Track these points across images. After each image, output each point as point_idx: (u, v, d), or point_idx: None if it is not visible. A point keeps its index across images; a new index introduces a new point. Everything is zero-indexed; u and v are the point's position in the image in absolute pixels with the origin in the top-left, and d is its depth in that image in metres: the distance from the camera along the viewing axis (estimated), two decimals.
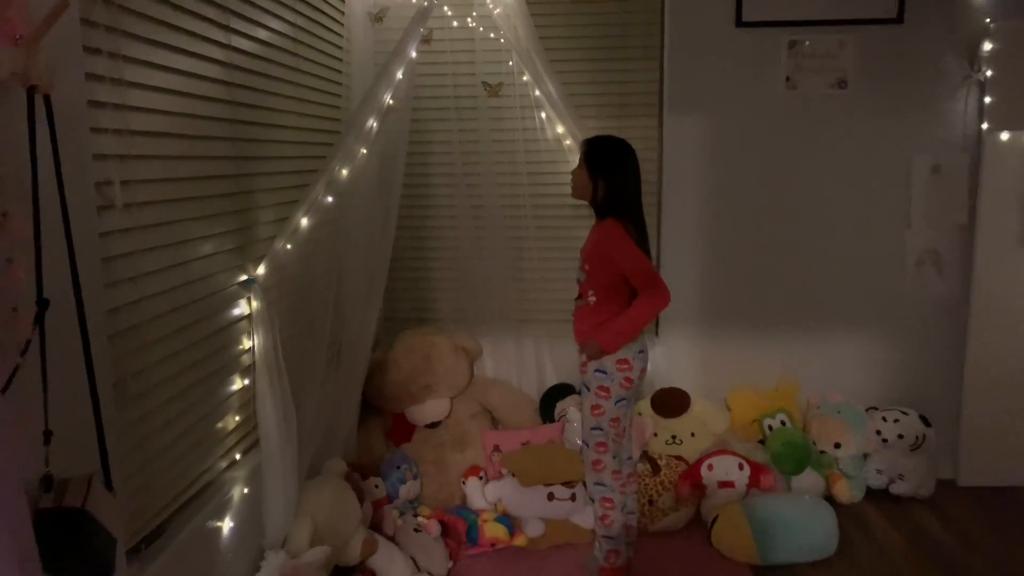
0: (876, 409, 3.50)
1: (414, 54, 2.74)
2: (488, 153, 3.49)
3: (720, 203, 3.51)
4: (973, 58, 3.33)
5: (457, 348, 3.50)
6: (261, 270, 2.30)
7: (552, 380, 3.68)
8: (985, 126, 3.32)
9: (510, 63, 3.35)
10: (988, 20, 3.27)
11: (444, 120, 3.54)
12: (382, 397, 3.41)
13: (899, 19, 3.34)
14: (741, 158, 3.49)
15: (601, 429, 2.64)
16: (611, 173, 2.56)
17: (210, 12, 2.05)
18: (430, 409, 3.42)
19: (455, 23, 3.35)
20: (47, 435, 1.23)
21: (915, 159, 3.43)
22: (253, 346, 2.29)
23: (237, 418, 2.27)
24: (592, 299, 2.62)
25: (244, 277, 2.27)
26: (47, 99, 1.23)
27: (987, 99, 3.31)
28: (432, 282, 3.73)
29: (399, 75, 2.65)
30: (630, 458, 2.83)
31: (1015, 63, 3.25)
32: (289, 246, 2.35)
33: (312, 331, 2.58)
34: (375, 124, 2.58)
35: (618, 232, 2.50)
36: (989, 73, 3.28)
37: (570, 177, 2.67)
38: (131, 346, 1.70)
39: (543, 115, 3.41)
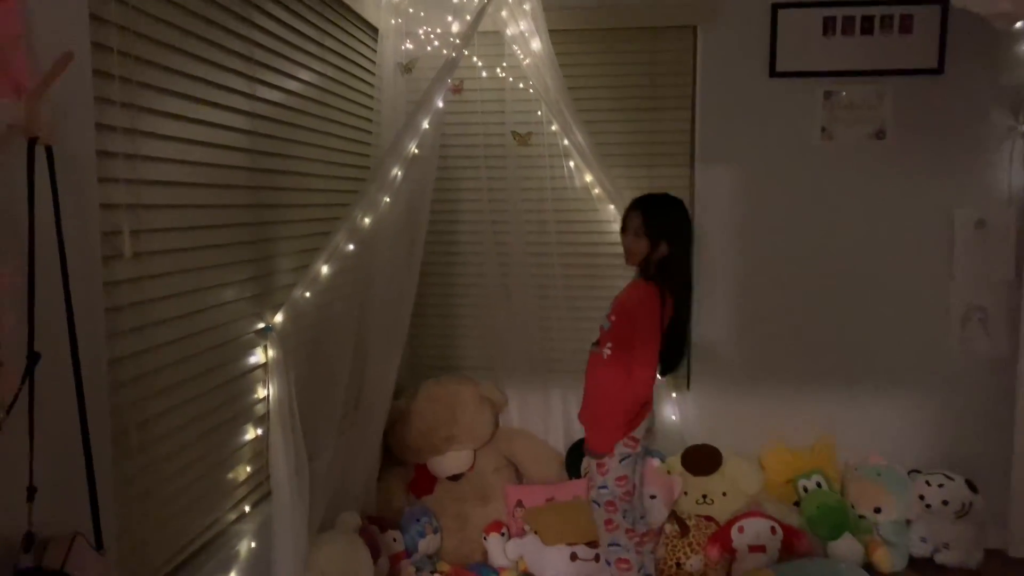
0: (919, 472, 3.33)
1: (441, 104, 2.74)
2: (516, 201, 3.48)
3: (754, 255, 3.42)
4: (1018, 109, 3.23)
5: (482, 398, 3.44)
6: (279, 318, 2.28)
7: (579, 433, 3.57)
8: None
9: (539, 112, 3.35)
10: None
11: (473, 168, 3.54)
12: (404, 447, 3.35)
13: (940, 69, 3.26)
14: (775, 209, 3.41)
15: (607, 488, 2.55)
16: (673, 238, 2.51)
17: (234, 63, 2.08)
18: (452, 461, 3.35)
19: (484, 73, 3.37)
20: (31, 492, 1.20)
21: (958, 212, 3.31)
22: (268, 395, 2.26)
23: (248, 468, 2.23)
24: (608, 351, 2.57)
25: (261, 325, 2.25)
26: (49, 150, 1.23)
27: None
28: (458, 329, 3.70)
29: (425, 124, 2.65)
30: (643, 517, 2.73)
31: None
32: (308, 294, 2.33)
33: (330, 380, 2.55)
34: (399, 173, 2.57)
35: (654, 303, 2.46)
36: None
37: (624, 243, 2.60)
38: (135, 397, 1.68)
39: (572, 164, 3.39)
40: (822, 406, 3.47)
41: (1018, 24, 3.09)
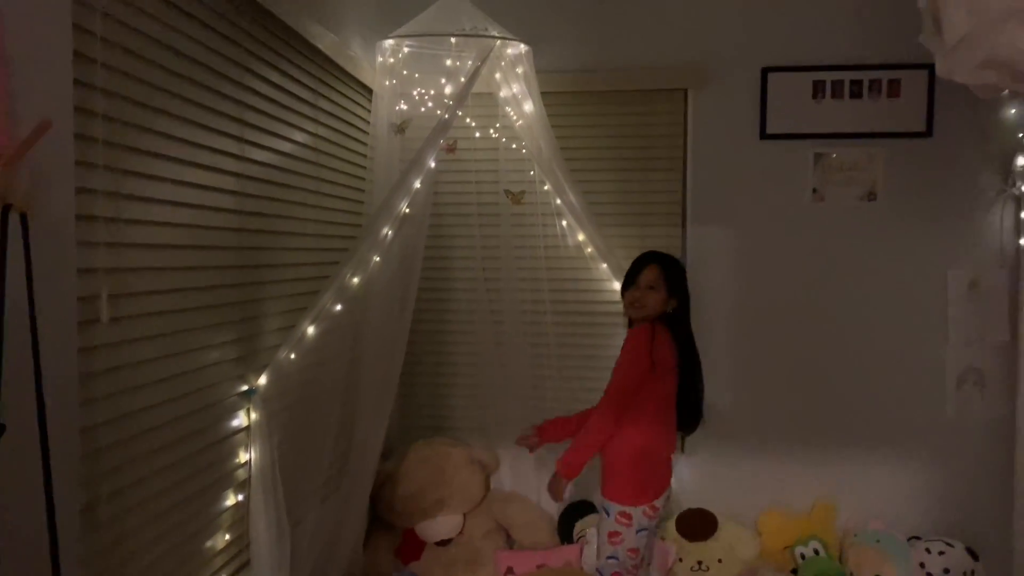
0: (919, 539, 3.25)
1: (432, 164, 2.75)
2: (509, 259, 3.46)
3: (747, 316, 3.40)
4: (1007, 172, 3.24)
5: (473, 460, 3.37)
6: (262, 380, 2.24)
7: (573, 497, 3.51)
8: (1023, 241, 3.20)
9: (532, 172, 3.36)
10: (1021, 135, 3.19)
11: (467, 227, 3.54)
12: (391, 511, 3.27)
13: (928, 132, 3.28)
14: (768, 270, 3.40)
15: (617, 559, 2.47)
16: (683, 295, 2.56)
17: (224, 124, 2.08)
18: (442, 525, 3.27)
19: (478, 133, 3.39)
20: None
21: (951, 274, 3.30)
22: (249, 459, 2.21)
23: (227, 536, 2.16)
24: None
25: (244, 388, 2.21)
26: (23, 217, 1.21)
27: (1023, 214, 3.20)
28: (450, 389, 3.64)
29: (417, 184, 2.65)
30: None
31: None
32: (293, 355, 2.29)
33: (315, 443, 2.50)
34: (390, 232, 2.56)
35: (642, 338, 2.45)
36: None
37: (636, 297, 2.54)
38: (108, 466, 1.63)
39: (564, 223, 3.39)
40: (819, 470, 3.40)
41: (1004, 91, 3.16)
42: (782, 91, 3.33)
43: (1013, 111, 3.20)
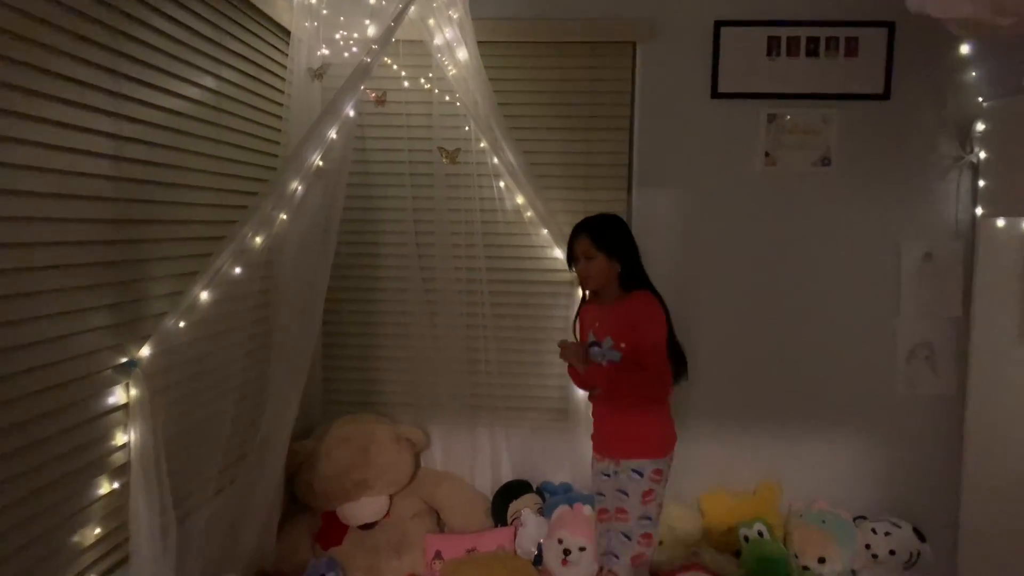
0: (864, 519, 3.14)
1: (352, 113, 2.47)
2: (443, 223, 3.22)
3: (691, 287, 3.20)
4: (965, 139, 3.10)
5: (400, 438, 3.14)
6: (145, 351, 1.96)
7: (507, 476, 3.31)
8: (979, 211, 3.06)
9: (467, 128, 3.10)
10: (980, 99, 3.05)
11: (398, 187, 3.29)
12: (311, 493, 3.03)
13: (886, 95, 3.12)
14: (715, 238, 3.21)
15: (650, 519, 2.37)
16: (627, 248, 2.42)
17: (103, 58, 1.79)
18: (365, 507, 3.04)
19: (407, 83, 3.12)
20: None
21: (904, 244, 3.16)
22: (128, 442, 1.93)
23: (99, 530, 1.89)
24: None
25: (123, 360, 1.93)
26: None
27: (981, 183, 3.05)
28: (379, 361, 3.39)
29: (332, 134, 2.38)
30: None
31: (1010, 145, 2.97)
32: (183, 324, 2.02)
33: (210, 423, 2.23)
34: (300, 188, 2.28)
35: (657, 304, 2.37)
36: (982, 155, 3.03)
37: (579, 270, 2.43)
38: None
39: (502, 184, 3.16)
40: (764, 448, 3.26)
41: (963, 49, 3.00)
42: (735, 47, 3.13)
43: (973, 74, 3.05)
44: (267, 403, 2.49)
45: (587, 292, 2.52)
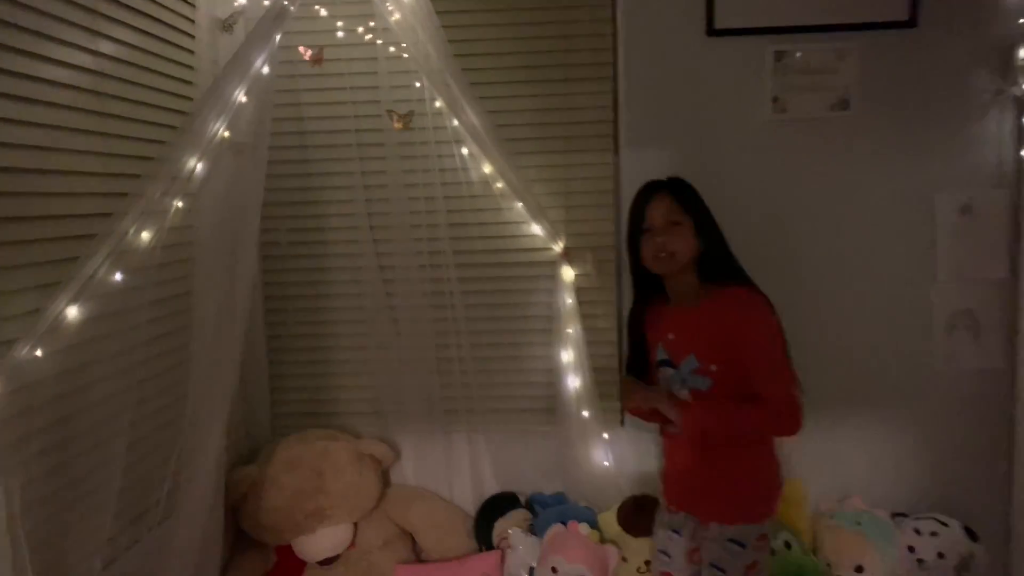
0: (905, 516, 2.75)
1: (267, 70, 1.98)
2: (400, 200, 2.79)
3: None
4: (1006, 69, 2.67)
5: (360, 456, 2.71)
6: None
7: (493, 489, 2.90)
8: None
9: (419, 85, 2.63)
10: (1023, 20, 2.60)
11: (344, 160, 2.84)
12: (259, 527, 2.59)
13: (912, 22, 2.67)
14: (719, 200, 2.69)
15: None
16: (713, 220, 1.95)
17: None
18: (323, 540, 2.62)
19: (341, 33, 2.63)
20: None
21: (938, 197, 2.75)
22: None
23: None
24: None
25: None
26: None
27: None
28: (332, 366, 2.95)
29: (240, 97, 1.88)
30: None
31: None
32: (40, 352, 1.53)
33: (93, 477, 1.75)
34: (199, 166, 1.79)
35: (766, 306, 1.90)
36: None
37: (654, 246, 1.95)
38: None
39: (465, 151, 2.69)
40: (783, 440, 2.84)
41: None
42: None
43: None
44: (181, 435, 2.02)
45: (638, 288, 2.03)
